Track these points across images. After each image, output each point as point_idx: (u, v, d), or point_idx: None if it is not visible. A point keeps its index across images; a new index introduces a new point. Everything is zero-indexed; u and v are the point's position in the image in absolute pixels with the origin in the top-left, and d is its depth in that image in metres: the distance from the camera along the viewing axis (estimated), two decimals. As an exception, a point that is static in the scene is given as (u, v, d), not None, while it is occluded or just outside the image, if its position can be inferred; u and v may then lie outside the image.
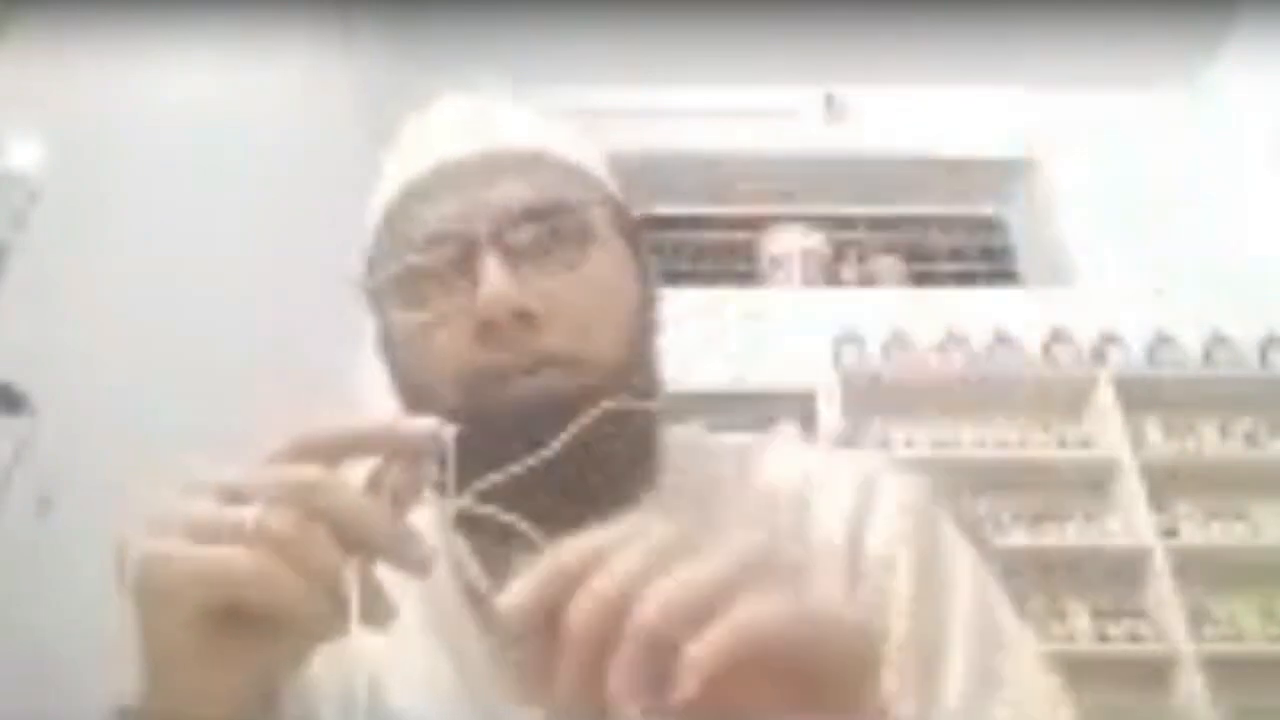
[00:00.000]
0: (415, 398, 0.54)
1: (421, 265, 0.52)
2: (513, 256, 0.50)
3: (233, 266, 2.10)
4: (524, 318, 0.49)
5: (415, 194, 0.54)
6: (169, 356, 1.84)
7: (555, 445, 0.46)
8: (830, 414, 2.73)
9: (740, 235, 3.45)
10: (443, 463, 0.39)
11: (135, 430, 1.67)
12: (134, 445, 1.61)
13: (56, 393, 1.55)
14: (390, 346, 0.55)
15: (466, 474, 0.40)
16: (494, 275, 0.49)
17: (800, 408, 2.77)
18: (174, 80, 1.95)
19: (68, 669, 1.30)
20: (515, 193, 0.52)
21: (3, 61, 1.54)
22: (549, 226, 0.52)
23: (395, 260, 0.53)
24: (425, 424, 0.38)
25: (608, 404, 0.48)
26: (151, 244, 1.84)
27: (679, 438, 0.62)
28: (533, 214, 0.52)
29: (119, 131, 1.79)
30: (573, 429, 0.46)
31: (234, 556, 0.34)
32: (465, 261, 0.50)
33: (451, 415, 0.49)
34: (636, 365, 0.54)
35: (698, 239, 3.42)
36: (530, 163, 0.54)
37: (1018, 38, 3.07)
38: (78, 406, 1.59)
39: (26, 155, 1.58)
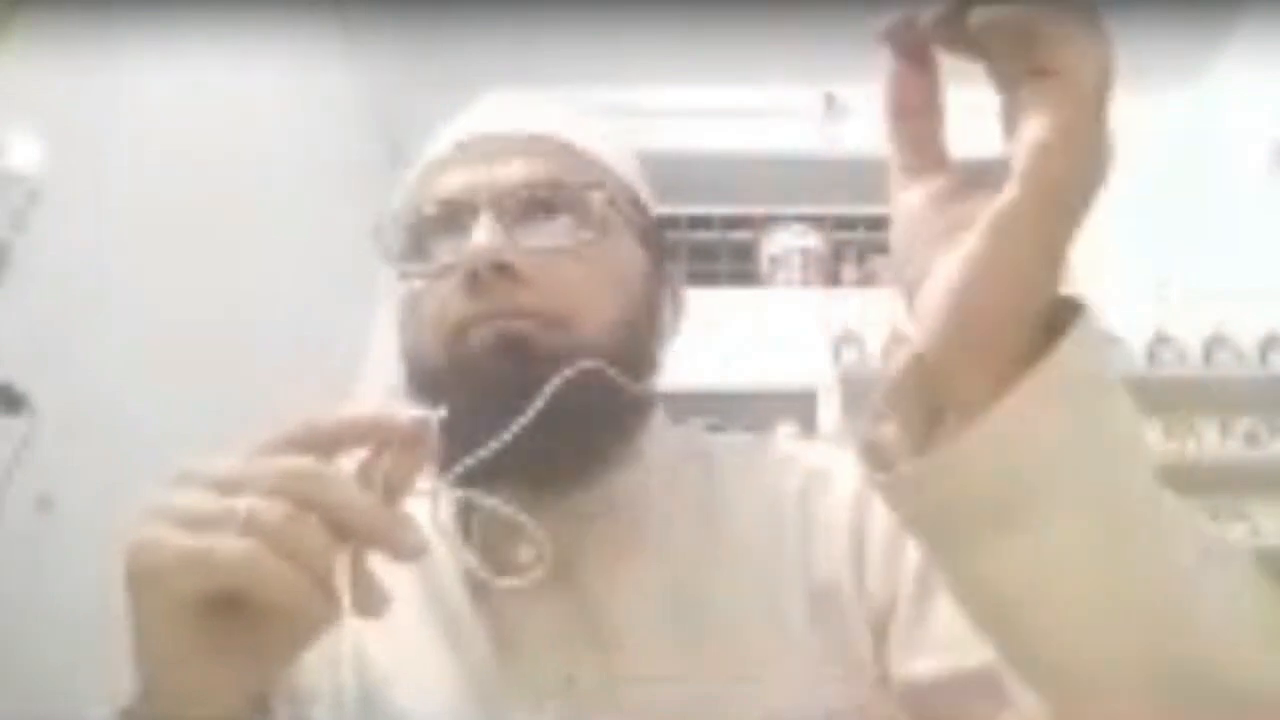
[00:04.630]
0: (410, 355, 0.56)
1: (430, 231, 0.56)
2: (508, 222, 0.53)
3: (233, 265, 2.10)
4: (507, 273, 0.52)
5: (435, 167, 0.58)
6: (169, 356, 1.84)
7: (532, 408, 0.46)
8: (830, 414, 2.73)
9: (740, 235, 3.45)
10: (434, 452, 0.39)
11: (135, 430, 1.68)
12: (134, 445, 1.61)
13: (56, 393, 1.55)
14: (400, 305, 0.58)
15: (452, 438, 0.40)
16: (482, 231, 0.52)
17: (800, 408, 2.77)
18: (174, 80, 1.95)
19: (67, 669, 1.30)
20: (519, 168, 0.55)
21: (3, 61, 1.54)
22: (547, 202, 0.55)
23: (410, 225, 0.57)
24: (414, 412, 0.38)
25: (586, 363, 0.49)
26: (151, 244, 1.85)
27: (677, 436, 0.62)
28: (531, 187, 0.55)
29: (119, 131, 1.79)
30: (549, 388, 0.47)
31: (224, 544, 0.34)
32: (467, 226, 0.53)
33: (436, 369, 0.52)
34: (625, 350, 0.54)
35: (698, 239, 3.42)
36: (541, 145, 0.57)
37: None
38: (78, 406, 1.60)
39: (26, 155, 1.58)
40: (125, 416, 1.69)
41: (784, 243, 3.31)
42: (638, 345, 0.57)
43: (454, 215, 0.54)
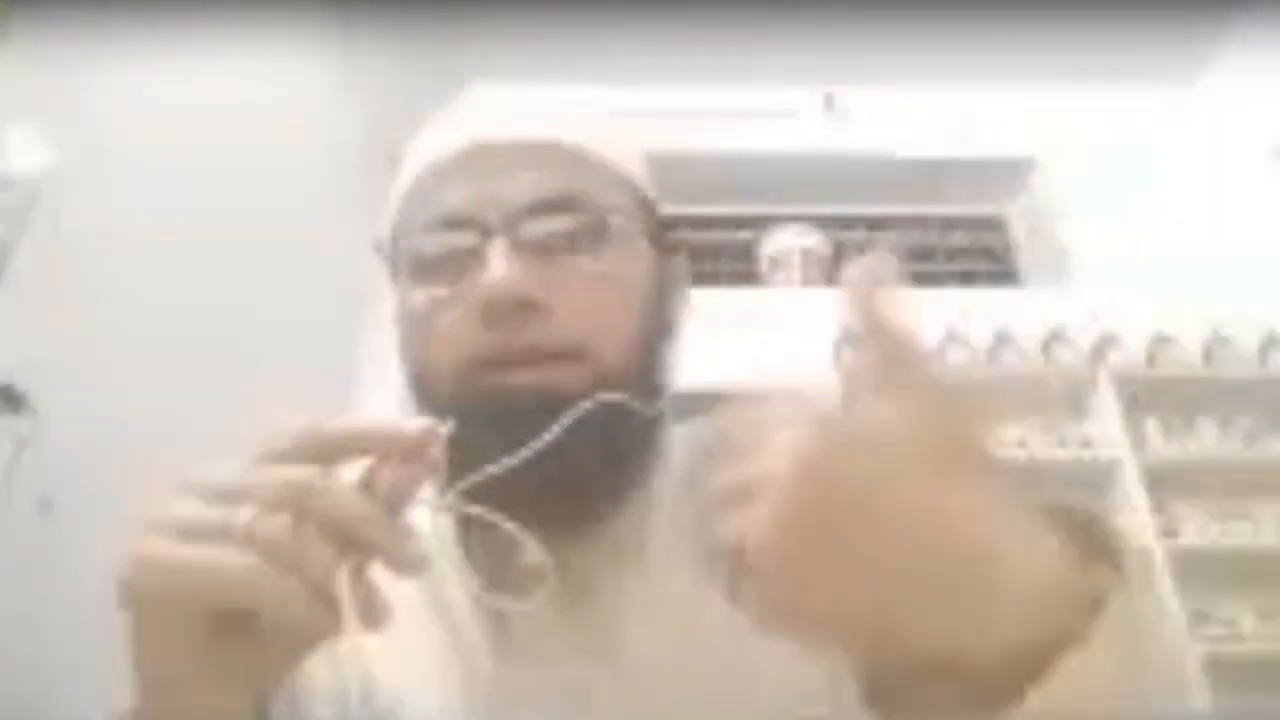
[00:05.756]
0: (418, 380, 0.53)
1: (435, 247, 0.52)
2: (523, 246, 0.50)
3: (233, 266, 2.10)
4: (527, 306, 0.49)
5: (439, 175, 0.54)
6: (169, 357, 1.84)
7: (546, 437, 0.45)
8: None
9: (740, 235, 3.44)
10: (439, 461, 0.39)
11: (135, 430, 1.67)
12: (134, 445, 1.60)
13: (57, 393, 1.55)
14: (401, 323, 0.55)
15: (461, 465, 0.40)
16: (499, 262, 0.49)
17: (800, 408, 2.76)
18: (174, 80, 1.95)
19: (67, 670, 1.30)
20: (531, 183, 0.52)
21: (4, 62, 1.54)
22: (563, 219, 0.52)
23: (412, 237, 0.53)
24: (420, 423, 0.38)
25: (605, 396, 0.48)
26: (151, 244, 1.84)
27: (684, 439, 0.61)
28: (546, 206, 0.52)
29: (119, 132, 1.79)
30: (564, 421, 0.46)
31: (224, 559, 0.33)
32: (478, 247, 0.50)
33: (449, 400, 0.50)
34: (644, 367, 0.53)
35: (698, 239, 3.41)
36: (552, 154, 0.54)
37: (1017, 38, 3.06)
38: (78, 406, 1.59)
39: (26, 155, 1.58)
40: (126, 416, 1.68)
41: (784, 243, 3.30)
42: (654, 359, 0.55)
43: (462, 233, 0.51)
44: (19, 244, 1.54)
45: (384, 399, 0.57)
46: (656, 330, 0.56)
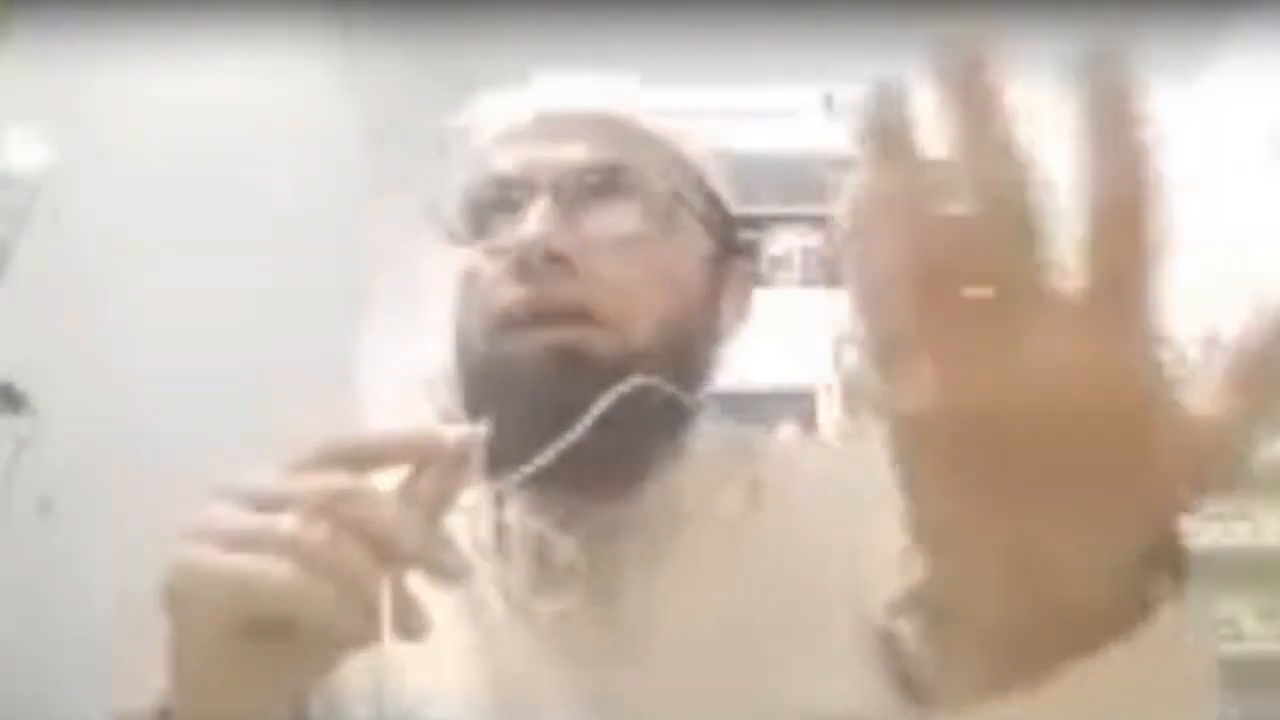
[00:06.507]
0: (458, 343, 0.54)
1: (487, 208, 0.53)
2: (567, 208, 0.51)
3: (234, 266, 2.10)
4: (556, 261, 0.50)
5: (503, 140, 0.55)
6: (170, 357, 1.84)
7: (583, 423, 0.45)
8: (830, 414, 2.73)
9: (741, 235, 3.45)
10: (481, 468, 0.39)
11: (135, 430, 1.67)
12: (134, 445, 1.61)
13: (57, 393, 1.55)
14: (455, 287, 0.56)
15: (493, 438, 0.40)
16: (535, 216, 0.50)
17: (800, 408, 2.77)
18: (174, 80, 1.94)
19: (67, 670, 1.30)
20: (583, 150, 0.53)
21: (4, 62, 1.54)
22: (610, 188, 0.52)
23: (468, 201, 0.55)
24: (458, 430, 0.38)
25: (637, 379, 0.47)
26: (151, 243, 1.84)
27: (720, 438, 0.60)
28: (594, 172, 0.52)
29: (119, 131, 1.79)
30: (601, 404, 0.45)
31: (264, 566, 0.33)
32: (524, 207, 0.51)
33: (478, 359, 0.50)
34: (676, 352, 0.53)
35: (698, 239, 3.42)
36: (609, 127, 0.55)
37: (1016, 38, 3.06)
38: (79, 407, 1.59)
39: (26, 155, 1.58)
40: (126, 417, 1.69)
41: (785, 243, 3.31)
42: (690, 346, 0.55)
43: (512, 194, 0.52)
44: (19, 244, 1.55)
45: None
46: (695, 319, 0.55)
